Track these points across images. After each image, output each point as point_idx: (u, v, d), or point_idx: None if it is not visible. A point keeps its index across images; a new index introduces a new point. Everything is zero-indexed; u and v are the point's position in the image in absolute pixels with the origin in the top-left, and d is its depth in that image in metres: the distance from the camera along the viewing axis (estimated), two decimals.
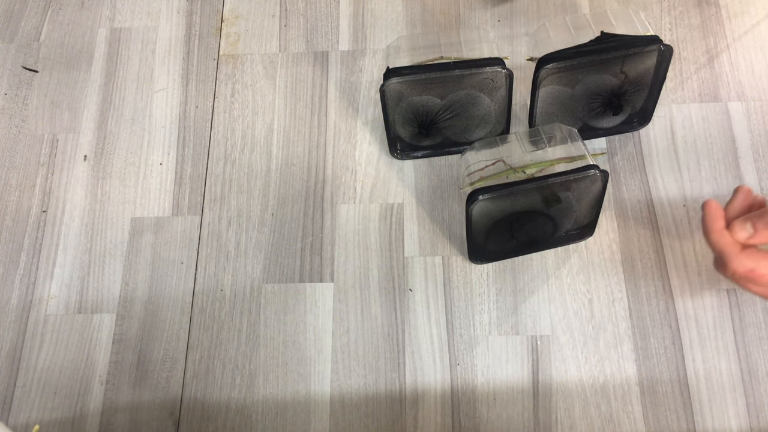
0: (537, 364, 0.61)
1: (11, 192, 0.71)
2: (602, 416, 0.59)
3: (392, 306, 0.63)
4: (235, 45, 0.76)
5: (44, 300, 0.66)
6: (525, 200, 0.58)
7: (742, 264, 0.44)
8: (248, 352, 0.63)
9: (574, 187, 0.57)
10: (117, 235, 0.68)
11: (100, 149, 0.72)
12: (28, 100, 0.75)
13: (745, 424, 0.58)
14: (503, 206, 0.58)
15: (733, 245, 0.45)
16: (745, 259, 0.44)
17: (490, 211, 0.58)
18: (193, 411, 0.61)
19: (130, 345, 0.64)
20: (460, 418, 0.59)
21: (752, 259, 0.44)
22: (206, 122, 0.73)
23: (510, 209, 0.58)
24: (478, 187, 0.55)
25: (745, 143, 0.67)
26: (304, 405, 0.61)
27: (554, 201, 0.59)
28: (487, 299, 0.63)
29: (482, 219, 0.58)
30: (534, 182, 0.55)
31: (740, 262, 0.44)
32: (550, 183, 0.55)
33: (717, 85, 0.70)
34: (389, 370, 0.61)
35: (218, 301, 0.65)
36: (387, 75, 0.60)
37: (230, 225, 0.68)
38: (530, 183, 0.55)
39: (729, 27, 0.72)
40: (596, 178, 0.56)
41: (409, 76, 0.60)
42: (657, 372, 0.60)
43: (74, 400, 0.62)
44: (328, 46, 0.75)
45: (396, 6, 0.77)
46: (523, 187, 0.55)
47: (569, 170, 0.56)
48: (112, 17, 0.79)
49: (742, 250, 0.45)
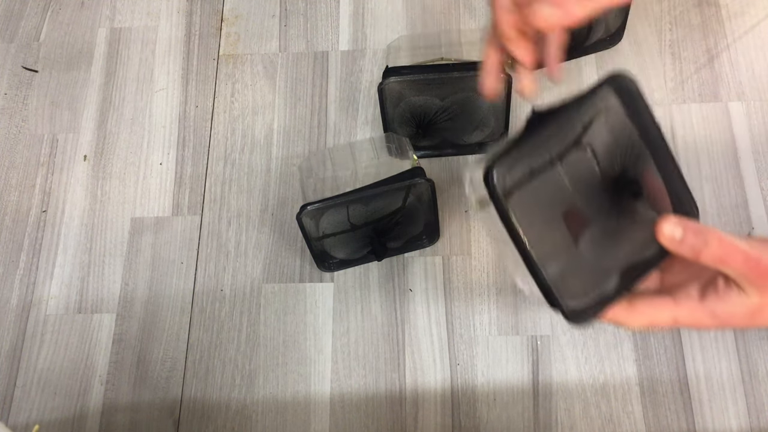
0: (537, 364, 0.61)
1: (11, 192, 0.71)
2: (602, 416, 0.59)
3: (392, 306, 0.64)
4: (235, 45, 0.76)
5: (44, 300, 0.66)
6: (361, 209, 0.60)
7: (636, 323, 0.41)
8: (248, 352, 0.63)
9: (396, 196, 0.59)
10: (117, 235, 0.68)
11: (100, 149, 0.72)
12: (28, 100, 0.75)
13: (745, 424, 0.58)
14: (340, 218, 0.60)
15: (614, 312, 0.40)
16: (637, 318, 0.40)
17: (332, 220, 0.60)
18: (193, 411, 0.61)
19: (130, 345, 0.64)
20: (460, 418, 0.59)
21: (643, 315, 0.40)
22: (206, 122, 0.73)
23: (347, 224, 0.61)
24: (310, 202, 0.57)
25: (745, 143, 0.67)
26: (304, 405, 0.61)
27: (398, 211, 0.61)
28: (487, 299, 0.63)
29: (317, 230, 0.60)
30: (359, 192, 0.57)
31: (633, 321, 0.40)
32: (369, 194, 0.57)
33: (717, 85, 0.70)
34: (389, 370, 0.61)
35: (218, 301, 0.65)
36: (386, 74, 0.60)
37: (230, 225, 0.68)
38: (357, 194, 0.57)
39: (729, 27, 0.72)
40: (421, 186, 0.58)
41: (408, 76, 0.60)
42: (657, 372, 0.60)
43: (74, 400, 0.62)
44: (328, 46, 0.75)
45: (396, 6, 0.77)
46: (347, 199, 0.57)
47: (389, 178, 0.57)
48: (112, 17, 0.79)
49: (628, 307, 0.40)
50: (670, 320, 0.40)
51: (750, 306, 0.39)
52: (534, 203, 0.38)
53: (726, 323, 0.40)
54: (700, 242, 0.37)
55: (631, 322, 0.40)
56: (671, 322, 0.40)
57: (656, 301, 0.41)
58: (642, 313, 0.40)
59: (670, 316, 0.40)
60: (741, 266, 0.37)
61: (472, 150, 0.69)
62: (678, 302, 0.40)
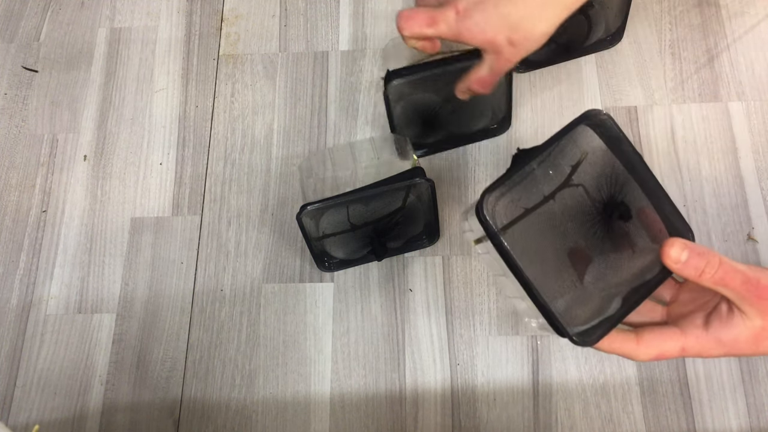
0: (537, 364, 0.61)
1: (11, 192, 0.71)
2: (602, 416, 0.59)
3: (392, 306, 0.63)
4: (235, 45, 0.76)
5: (44, 300, 0.66)
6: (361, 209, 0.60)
7: (645, 355, 0.41)
8: (248, 352, 0.63)
9: (396, 197, 0.59)
10: (117, 235, 0.68)
11: (100, 149, 0.72)
12: (28, 100, 0.75)
13: (745, 424, 0.58)
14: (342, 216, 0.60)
15: (622, 345, 0.41)
16: (645, 350, 0.41)
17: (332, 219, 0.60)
18: (193, 411, 0.61)
19: (130, 345, 0.64)
20: (460, 418, 0.59)
21: (652, 346, 0.41)
22: (206, 122, 0.73)
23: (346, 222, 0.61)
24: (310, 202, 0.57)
25: (745, 143, 0.67)
26: (304, 405, 0.61)
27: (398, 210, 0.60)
28: (487, 299, 0.63)
29: (317, 227, 0.60)
30: (359, 192, 0.57)
31: (642, 354, 0.41)
32: (369, 194, 0.57)
33: (717, 85, 0.70)
34: (389, 370, 0.61)
35: (218, 301, 0.65)
36: (388, 77, 0.60)
37: (230, 225, 0.68)
38: (357, 194, 0.57)
39: (729, 27, 0.72)
40: (422, 186, 0.58)
41: (410, 77, 0.60)
42: (657, 372, 0.60)
43: (74, 400, 0.62)
44: (328, 46, 0.75)
45: (396, 6, 0.77)
46: (347, 199, 0.57)
47: (389, 178, 0.57)
48: (112, 17, 0.79)
49: (636, 340, 0.41)
50: (678, 350, 0.41)
51: (753, 329, 0.39)
52: (530, 236, 0.40)
53: (732, 350, 0.41)
54: (702, 263, 0.38)
55: (640, 355, 0.41)
56: (679, 352, 0.41)
57: (664, 332, 0.42)
58: (650, 345, 0.41)
59: (678, 346, 0.41)
60: (739, 287, 0.38)
61: (476, 138, 0.69)
62: (684, 332, 0.41)
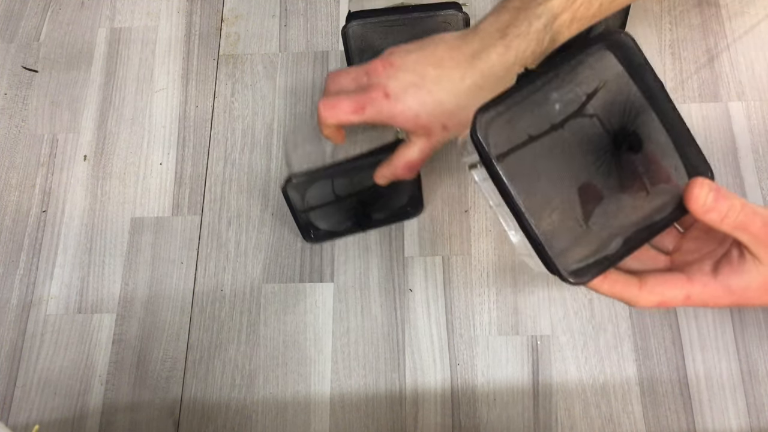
0: (537, 364, 0.61)
1: (11, 192, 0.71)
2: (602, 416, 0.59)
3: (392, 306, 0.64)
4: (235, 45, 0.76)
5: (44, 300, 0.66)
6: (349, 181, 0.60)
7: (647, 301, 0.39)
8: (248, 352, 0.63)
9: None
10: (117, 235, 0.68)
11: (100, 149, 0.72)
12: (28, 100, 0.75)
13: (745, 424, 0.58)
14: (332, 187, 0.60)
15: (623, 289, 0.39)
16: (647, 296, 0.38)
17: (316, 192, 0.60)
18: (193, 411, 0.61)
19: (130, 345, 0.64)
20: (460, 418, 0.59)
21: (654, 292, 0.38)
22: (206, 122, 0.73)
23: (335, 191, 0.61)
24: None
25: (745, 143, 0.67)
26: (304, 405, 0.61)
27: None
28: (487, 299, 0.63)
29: (304, 200, 0.60)
30: (344, 165, 0.57)
31: (644, 300, 0.39)
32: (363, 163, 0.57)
33: (717, 85, 0.70)
34: (389, 370, 0.61)
35: (218, 301, 0.65)
36: (348, 18, 0.60)
37: (230, 225, 0.68)
38: (341, 166, 0.57)
39: (729, 27, 0.72)
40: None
41: (371, 19, 0.61)
42: (657, 372, 0.60)
43: (74, 400, 0.62)
44: (328, 46, 0.75)
45: None
46: (332, 171, 0.57)
47: (373, 150, 0.58)
48: (112, 17, 0.79)
49: (639, 285, 0.39)
50: (683, 298, 0.39)
51: (766, 276, 0.37)
52: (532, 167, 0.36)
53: (742, 299, 0.38)
54: (726, 206, 0.35)
55: (641, 301, 0.38)
56: (684, 300, 0.39)
57: (668, 278, 0.39)
58: (652, 291, 0.38)
59: (683, 293, 0.38)
60: (759, 230, 0.36)
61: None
62: (691, 279, 0.38)
